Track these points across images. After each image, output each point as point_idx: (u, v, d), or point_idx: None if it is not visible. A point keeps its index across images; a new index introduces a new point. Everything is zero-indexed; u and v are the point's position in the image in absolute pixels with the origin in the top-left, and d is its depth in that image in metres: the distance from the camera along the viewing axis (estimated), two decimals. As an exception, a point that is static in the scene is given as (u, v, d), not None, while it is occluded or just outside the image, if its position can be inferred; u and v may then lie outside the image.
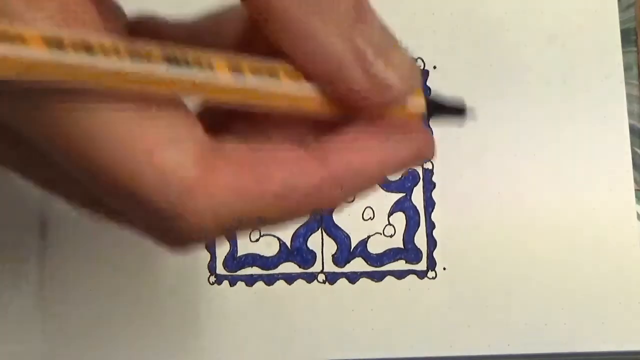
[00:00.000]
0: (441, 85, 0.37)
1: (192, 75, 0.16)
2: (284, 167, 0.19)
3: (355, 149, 0.19)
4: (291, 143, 0.20)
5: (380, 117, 0.20)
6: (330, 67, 0.19)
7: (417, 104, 0.20)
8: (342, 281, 0.36)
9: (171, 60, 0.16)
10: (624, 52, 0.37)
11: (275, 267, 0.36)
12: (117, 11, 0.21)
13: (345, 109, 0.19)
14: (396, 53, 0.20)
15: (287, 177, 0.19)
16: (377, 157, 0.20)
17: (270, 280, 0.36)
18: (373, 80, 0.19)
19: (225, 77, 0.17)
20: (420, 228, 0.36)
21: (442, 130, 0.36)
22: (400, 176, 0.36)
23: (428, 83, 0.37)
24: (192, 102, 0.19)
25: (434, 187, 0.36)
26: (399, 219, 0.36)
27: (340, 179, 0.19)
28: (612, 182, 0.36)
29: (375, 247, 0.36)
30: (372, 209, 0.36)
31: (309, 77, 0.19)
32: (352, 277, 0.36)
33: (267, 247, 0.36)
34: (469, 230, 0.36)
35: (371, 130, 0.20)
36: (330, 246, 0.36)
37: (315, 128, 0.20)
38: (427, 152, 0.21)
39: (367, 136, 0.20)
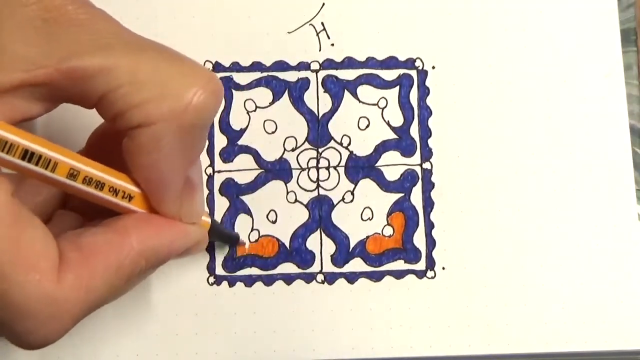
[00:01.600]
0: (440, 85, 0.37)
1: (37, 170, 0.24)
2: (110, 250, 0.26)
3: (153, 231, 0.27)
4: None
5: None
6: (158, 194, 0.27)
7: (204, 222, 0.30)
8: (341, 281, 0.36)
9: (26, 155, 0.23)
10: (624, 52, 0.37)
11: (274, 267, 0.36)
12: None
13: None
14: (200, 198, 0.29)
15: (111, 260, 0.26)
16: (168, 237, 0.28)
17: (269, 281, 0.36)
18: (181, 214, 0.28)
19: (60, 178, 0.24)
20: (419, 228, 0.36)
21: (441, 130, 0.36)
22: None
23: (427, 83, 0.37)
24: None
25: (433, 187, 0.36)
26: (398, 219, 0.36)
27: (144, 252, 0.27)
28: (613, 182, 0.36)
29: (374, 247, 0.36)
30: (370, 209, 0.36)
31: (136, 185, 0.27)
32: (351, 277, 0.36)
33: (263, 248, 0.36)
34: (468, 230, 0.36)
35: (161, 220, 0.28)
36: (329, 246, 0.36)
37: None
38: (202, 242, 0.30)
39: (161, 222, 0.28)
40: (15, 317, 0.23)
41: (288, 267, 0.36)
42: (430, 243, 0.36)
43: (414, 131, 0.37)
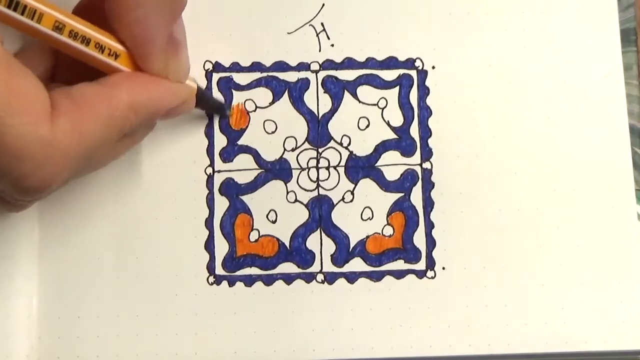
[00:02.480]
0: (440, 85, 0.37)
1: (23, 19, 0.25)
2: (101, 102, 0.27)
3: (141, 85, 0.28)
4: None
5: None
6: (142, 50, 0.28)
7: (192, 83, 0.32)
8: (341, 281, 0.36)
9: (11, 4, 0.24)
10: (623, 52, 0.37)
11: (274, 267, 0.36)
12: None
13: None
14: (185, 56, 0.31)
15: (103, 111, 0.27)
16: (156, 92, 0.29)
17: (269, 281, 0.36)
18: (168, 71, 0.30)
19: (46, 30, 0.25)
20: (419, 228, 0.36)
21: (441, 130, 0.36)
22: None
23: (427, 83, 0.37)
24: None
25: (433, 187, 0.36)
26: (398, 219, 0.36)
27: (133, 104, 0.28)
28: (612, 182, 0.36)
29: (374, 247, 0.36)
30: (370, 209, 0.36)
31: (121, 42, 0.28)
32: (351, 277, 0.36)
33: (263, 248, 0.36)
34: (468, 230, 0.36)
35: (149, 77, 0.29)
36: (329, 246, 0.36)
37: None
38: (190, 102, 0.32)
39: (150, 78, 0.29)
40: (12, 160, 0.24)
41: (288, 267, 0.36)
42: (430, 243, 0.36)
43: (414, 131, 0.37)
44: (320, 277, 0.36)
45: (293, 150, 0.36)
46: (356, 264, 0.36)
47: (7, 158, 0.24)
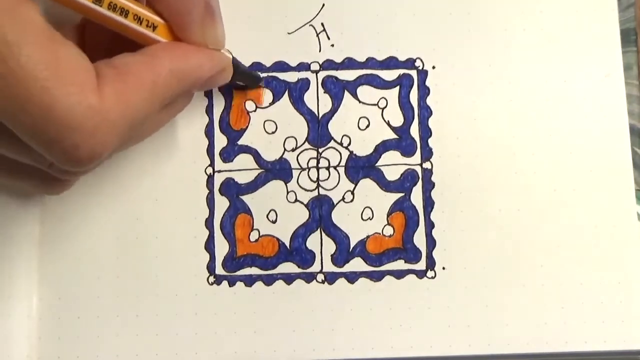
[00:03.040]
0: (440, 85, 0.37)
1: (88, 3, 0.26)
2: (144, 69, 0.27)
3: (182, 53, 0.29)
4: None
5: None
6: (181, 19, 0.29)
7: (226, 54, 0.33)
8: (341, 281, 0.36)
9: None
10: (623, 52, 0.37)
11: (275, 267, 0.36)
12: None
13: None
14: (221, 24, 0.31)
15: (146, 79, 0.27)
16: (196, 60, 0.29)
17: (269, 281, 0.36)
18: (202, 35, 0.30)
19: (86, 2, 0.26)
20: (419, 228, 0.36)
21: (442, 130, 0.36)
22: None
23: (427, 83, 0.37)
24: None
25: (433, 186, 0.36)
26: (398, 219, 0.36)
27: (175, 72, 0.28)
28: (612, 182, 0.36)
29: (375, 247, 0.36)
30: (371, 209, 0.36)
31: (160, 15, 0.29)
32: (351, 277, 0.36)
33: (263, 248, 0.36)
34: (468, 229, 0.36)
35: (189, 45, 0.30)
36: (330, 246, 0.36)
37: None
38: (228, 70, 0.33)
39: (189, 47, 0.30)
40: (62, 130, 0.24)
41: (288, 267, 0.36)
42: (431, 243, 0.36)
43: (414, 131, 0.37)
44: (320, 277, 0.36)
45: (293, 150, 0.36)
46: (356, 264, 0.36)
47: (57, 127, 0.24)
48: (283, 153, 0.36)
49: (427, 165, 0.36)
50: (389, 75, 0.37)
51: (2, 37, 0.22)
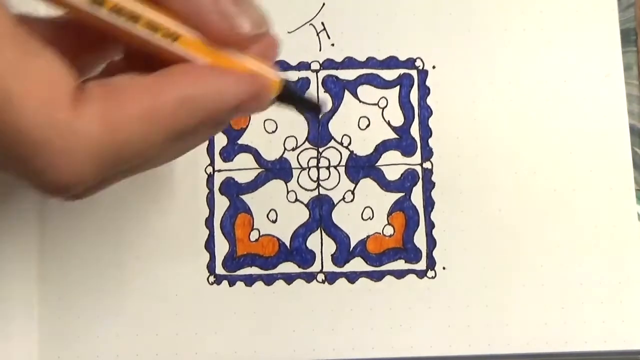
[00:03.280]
0: (440, 85, 0.37)
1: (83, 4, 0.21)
2: (141, 94, 0.23)
3: (197, 77, 0.23)
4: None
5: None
6: (194, 9, 0.23)
7: (274, 75, 0.25)
8: (342, 281, 0.36)
9: None
10: (623, 52, 0.37)
11: (275, 267, 0.36)
12: None
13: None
14: (249, 3, 0.24)
15: (145, 104, 0.23)
16: (215, 85, 0.24)
17: (269, 280, 0.36)
18: (227, 21, 0.23)
19: (80, 3, 0.21)
20: (419, 228, 0.36)
21: (442, 130, 0.36)
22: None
23: (427, 83, 0.37)
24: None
25: (434, 186, 0.36)
26: (399, 219, 0.36)
27: (185, 100, 0.23)
28: (613, 182, 0.36)
29: (375, 246, 0.36)
30: (371, 208, 0.36)
31: (179, 19, 0.23)
32: (352, 277, 0.36)
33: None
34: (468, 229, 0.36)
35: (211, 67, 0.24)
36: (330, 246, 0.36)
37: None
38: (264, 95, 0.25)
39: (209, 69, 0.24)
40: (28, 150, 0.21)
41: (288, 267, 0.36)
42: (431, 243, 0.36)
43: (415, 131, 0.37)
44: (320, 276, 0.36)
45: (293, 149, 0.36)
46: (356, 264, 0.36)
47: (22, 145, 0.21)
48: (283, 152, 0.36)
49: (427, 165, 0.36)
50: (390, 74, 0.37)
51: None
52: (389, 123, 0.37)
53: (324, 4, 0.37)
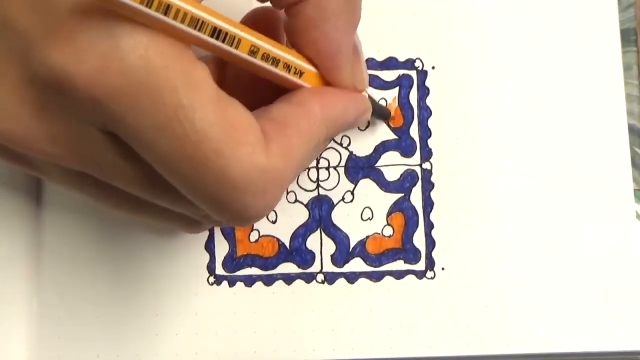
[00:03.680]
0: (440, 86, 0.37)
1: (223, 47, 0.25)
2: (300, 121, 0.27)
3: (331, 99, 0.28)
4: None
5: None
6: (332, 63, 0.28)
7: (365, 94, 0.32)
8: (341, 281, 0.36)
9: (214, 33, 0.24)
10: (623, 52, 0.37)
11: (275, 267, 0.36)
12: None
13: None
14: (364, 59, 0.31)
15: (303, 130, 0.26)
16: (344, 105, 0.29)
17: (269, 281, 0.36)
18: (353, 83, 0.29)
19: (243, 55, 0.25)
20: (419, 228, 0.36)
21: (441, 130, 0.36)
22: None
23: (427, 83, 0.37)
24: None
25: (433, 187, 0.36)
26: (398, 219, 0.36)
27: (326, 119, 0.28)
28: (612, 182, 0.36)
29: (374, 247, 0.36)
30: (370, 209, 0.36)
31: (307, 60, 0.28)
32: (351, 277, 0.36)
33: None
34: (467, 230, 0.36)
35: (335, 90, 0.29)
36: (329, 246, 0.36)
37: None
38: (369, 111, 0.32)
39: (335, 91, 0.29)
40: (234, 193, 0.24)
41: (288, 267, 0.36)
42: (430, 243, 0.36)
43: (414, 131, 0.37)
44: (320, 277, 0.36)
45: (293, 150, 0.36)
46: (356, 264, 0.36)
47: (229, 191, 0.24)
48: (283, 153, 0.36)
49: (426, 165, 0.36)
50: (389, 75, 0.37)
51: (177, 101, 0.22)
52: (388, 124, 0.37)
53: (323, 5, 0.37)
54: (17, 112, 0.23)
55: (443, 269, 0.36)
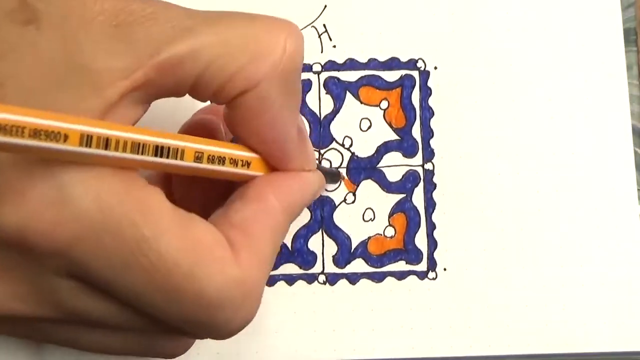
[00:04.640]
0: (442, 86, 0.37)
1: (169, 162, 0.24)
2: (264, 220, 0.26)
3: (285, 187, 0.28)
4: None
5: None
6: (279, 152, 0.27)
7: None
8: (343, 282, 0.36)
9: (157, 151, 0.23)
10: (624, 52, 0.37)
11: (276, 268, 0.36)
12: None
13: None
14: (310, 142, 0.30)
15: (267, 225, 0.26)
16: (298, 189, 0.28)
17: (270, 282, 0.36)
18: (302, 165, 0.29)
19: (188, 163, 0.24)
20: (420, 229, 0.36)
21: (443, 131, 0.36)
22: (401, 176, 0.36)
23: (429, 84, 0.37)
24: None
25: (435, 187, 0.36)
26: (400, 220, 0.36)
27: (285, 209, 0.27)
28: (614, 183, 0.36)
29: (376, 248, 0.36)
30: (372, 210, 0.36)
31: (255, 152, 0.27)
32: (353, 278, 0.36)
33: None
34: (469, 231, 0.36)
35: (286, 175, 0.28)
36: (331, 247, 0.36)
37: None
38: (322, 185, 0.32)
39: (287, 176, 0.28)
40: (214, 311, 0.24)
41: (290, 268, 0.36)
42: (432, 244, 0.36)
43: (416, 132, 0.37)
44: (321, 278, 0.36)
45: (295, 151, 0.36)
46: (358, 265, 0.36)
47: (208, 310, 0.24)
48: (284, 154, 0.36)
49: (428, 166, 0.36)
50: (391, 76, 0.37)
51: (139, 235, 0.22)
52: (390, 124, 0.37)
53: (325, 6, 0.37)
54: None
55: (445, 269, 0.36)
